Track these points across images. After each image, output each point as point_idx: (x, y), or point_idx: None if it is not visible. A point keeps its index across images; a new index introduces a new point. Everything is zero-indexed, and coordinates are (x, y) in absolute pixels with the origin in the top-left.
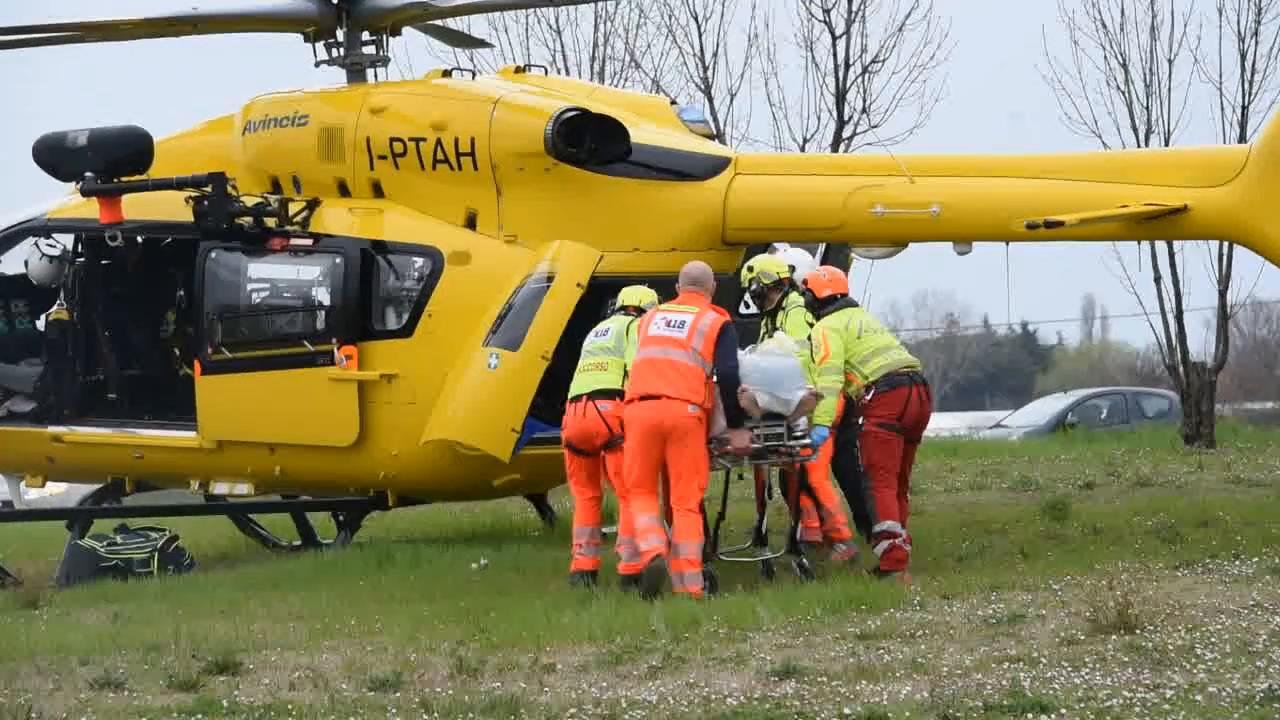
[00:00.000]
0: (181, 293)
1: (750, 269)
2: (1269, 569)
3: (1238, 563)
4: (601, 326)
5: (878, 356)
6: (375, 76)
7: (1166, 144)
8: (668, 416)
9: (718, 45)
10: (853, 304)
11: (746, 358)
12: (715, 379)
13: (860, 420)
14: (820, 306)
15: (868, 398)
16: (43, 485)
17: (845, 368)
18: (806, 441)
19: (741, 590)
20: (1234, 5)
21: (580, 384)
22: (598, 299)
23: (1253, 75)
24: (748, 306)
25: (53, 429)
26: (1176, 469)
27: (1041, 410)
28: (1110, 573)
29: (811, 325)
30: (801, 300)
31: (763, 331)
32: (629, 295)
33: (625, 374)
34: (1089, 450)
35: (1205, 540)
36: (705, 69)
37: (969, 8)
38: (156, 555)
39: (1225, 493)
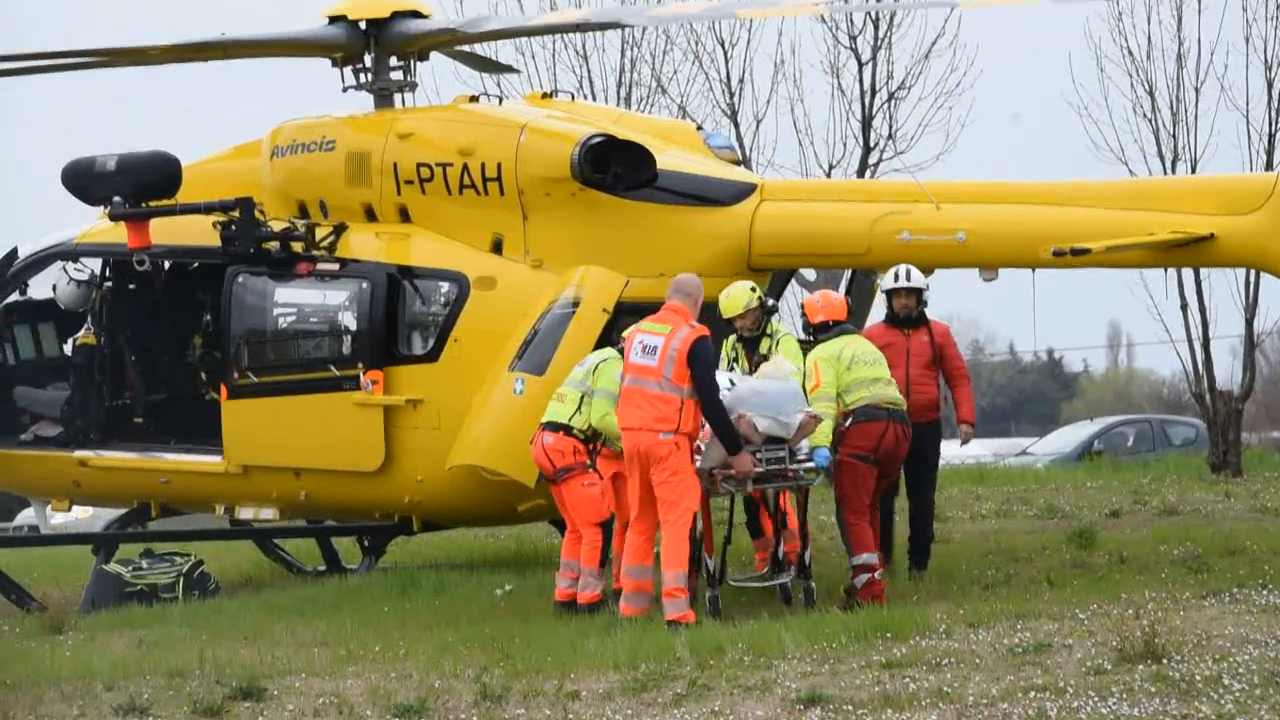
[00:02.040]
0: (208, 317)
1: (752, 289)
2: None
3: (1265, 592)
4: (585, 357)
5: (862, 389)
6: (403, 102)
7: (1193, 172)
8: (640, 446)
9: (744, 71)
10: (848, 331)
11: (744, 383)
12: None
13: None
14: (815, 333)
15: (845, 425)
16: (68, 509)
17: None
18: (811, 464)
19: (766, 617)
20: (1261, 33)
21: (545, 413)
22: (624, 324)
23: None
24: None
25: (79, 453)
26: (1203, 497)
27: (1067, 438)
28: (1137, 602)
29: (805, 347)
30: (786, 330)
31: (730, 357)
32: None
33: (579, 406)
34: (1115, 478)
35: (1232, 569)
36: (731, 95)
37: (995, 34)
38: (181, 580)
39: (1252, 521)
